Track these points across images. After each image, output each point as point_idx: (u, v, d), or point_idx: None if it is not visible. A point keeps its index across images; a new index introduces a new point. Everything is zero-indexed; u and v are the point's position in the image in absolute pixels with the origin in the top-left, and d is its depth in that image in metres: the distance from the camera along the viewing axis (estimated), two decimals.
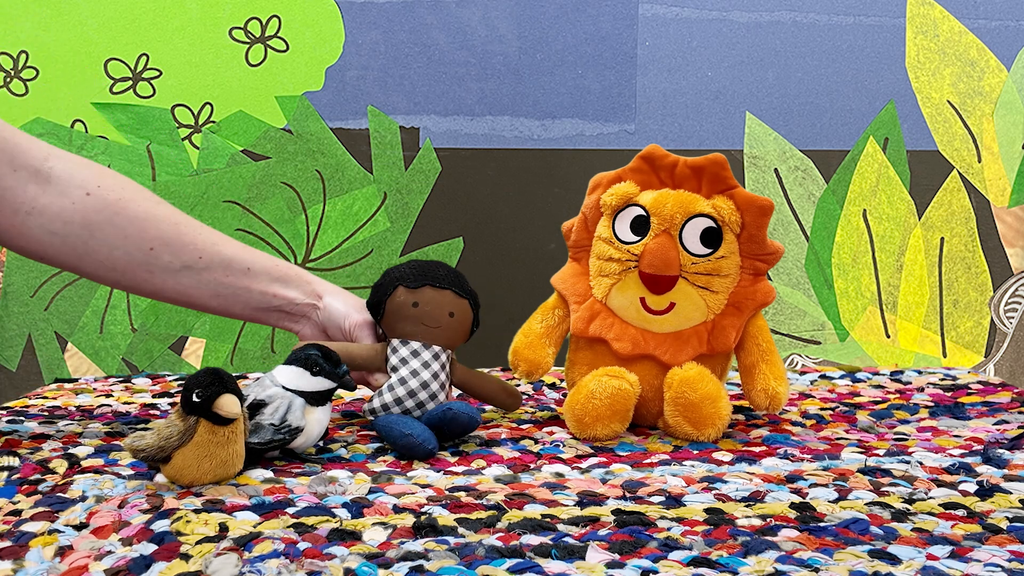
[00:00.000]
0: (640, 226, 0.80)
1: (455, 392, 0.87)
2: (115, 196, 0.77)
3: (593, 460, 0.74)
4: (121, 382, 1.01)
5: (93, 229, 0.77)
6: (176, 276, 0.80)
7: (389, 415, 0.77)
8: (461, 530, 0.59)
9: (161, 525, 0.59)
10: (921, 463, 0.72)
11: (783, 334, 1.36)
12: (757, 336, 0.81)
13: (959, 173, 1.35)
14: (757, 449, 0.77)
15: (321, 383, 0.72)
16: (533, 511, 0.62)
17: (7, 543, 0.57)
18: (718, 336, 0.80)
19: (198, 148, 1.30)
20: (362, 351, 0.80)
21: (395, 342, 0.79)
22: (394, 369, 0.79)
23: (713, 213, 0.79)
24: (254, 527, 0.60)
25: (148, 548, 0.56)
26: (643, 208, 0.80)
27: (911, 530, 0.59)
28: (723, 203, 0.79)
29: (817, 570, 0.53)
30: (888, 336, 1.37)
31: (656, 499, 0.65)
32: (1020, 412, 0.88)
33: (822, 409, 0.90)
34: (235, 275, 0.82)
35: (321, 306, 0.85)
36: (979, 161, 1.35)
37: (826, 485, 0.67)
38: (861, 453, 0.75)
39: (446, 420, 0.75)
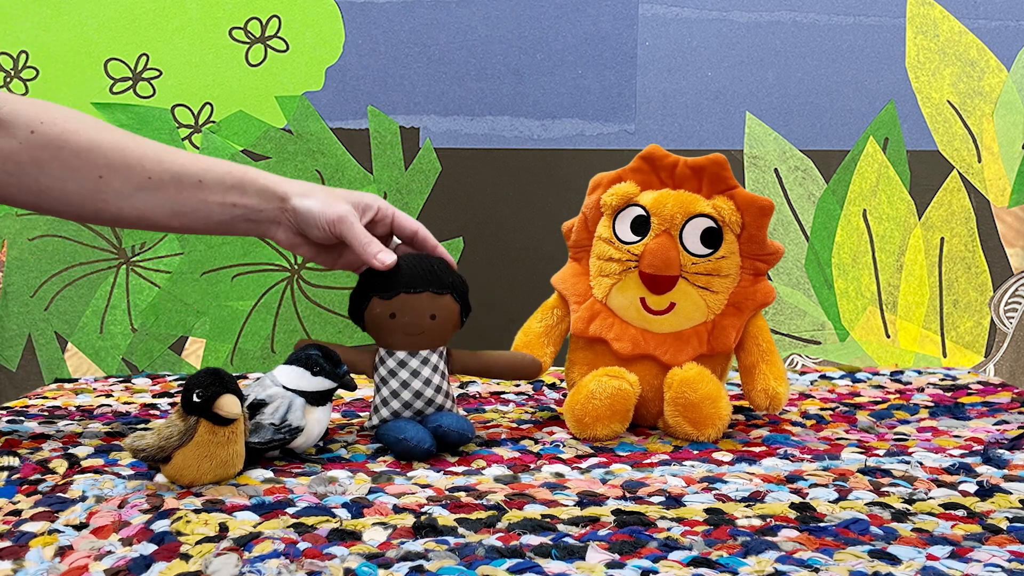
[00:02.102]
0: (640, 226, 0.80)
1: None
2: (58, 130, 0.76)
3: (593, 460, 0.74)
4: (121, 382, 1.01)
5: (42, 166, 0.76)
6: (131, 200, 0.78)
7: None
8: (461, 530, 0.59)
9: (161, 525, 0.59)
10: (921, 463, 0.72)
11: (783, 334, 1.36)
12: (757, 336, 0.81)
13: (959, 173, 1.35)
14: (757, 449, 0.77)
15: (321, 383, 0.72)
16: (533, 511, 0.62)
17: (7, 543, 0.57)
18: (718, 336, 0.80)
19: (198, 148, 1.30)
20: (352, 355, 0.78)
21: (382, 352, 0.77)
22: (384, 381, 0.77)
23: (713, 213, 0.79)
24: (254, 527, 0.60)
25: (148, 548, 0.56)
26: (643, 208, 0.80)
27: (911, 530, 0.59)
28: (723, 203, 0.79)
29: (817, 570, 0.53)
30: (888, 336, 1.37)
31: (656, 499, 0.65)
32: (1020, 412, 0.88)
33: (822, 409, 0.90)
34: (188, 189, 0.79)
35: (290, 207, 0.79)
36: (979, 161, 1.35)
37: (826, 485, 0.67)
38: (861, 453, 0.75)
39: (437, 436, 0.74)
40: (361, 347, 0.80)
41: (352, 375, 0.75)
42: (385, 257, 0.76)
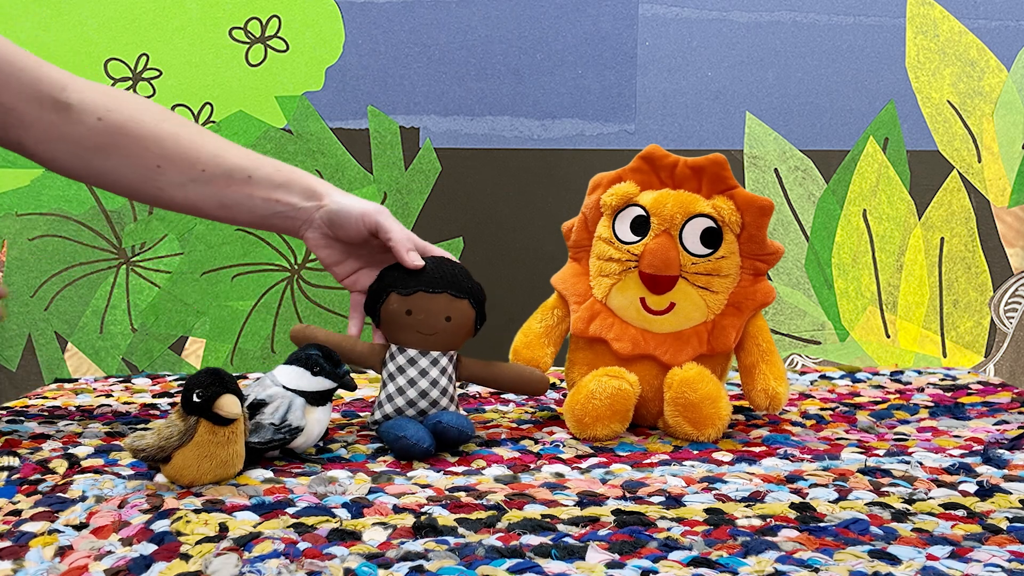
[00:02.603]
0: (640, 226, 0.80)
1: (475, 387, 0.87)
2: (123, 119, 0.81)
3: (593, 460, 0.74)
4: (121, 382, 1.01)
5: (106, 152, 0.81)
6: (183, 190, 0.83)
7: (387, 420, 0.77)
8: (461, 530, 0.59)
9: (161, 525, 0.59)
10: (921, 463, 0.72)
11: (783, 334, 1.36)
12: (757, 336, 0.81)
13: (959, 173, 1.35)
14: (757, 449, 0.77)
15: (322, 383, 0.72)
16: (533, 511, 0.62)
17: (7, 543, 0.57)
18: (718, 336, 0.80)
19: None
20: (363, 349, 0.79)
21: (393, 348, 0.78)
22: (391, 377, 0.77)
23: (713, 213, 0.79)
24: (254, 527, 0.60)
25: (148, 548, 0.56)
26: (643, 208, 0.80)
27: (911, 530, 0.59)
28: (723, 203, 0.79)
29: (817, 570, 0.53)
30: (888, 336, 1.37)
31: (656, 499, 0.65)
32: (1020, 412, 0.88)
33: (822, 409, 0.90)
34: (237, 184, 0.83)
35: (324, 206, 0.83)
36: (979, 161, 1.35)
37: (826, 485, 0.67)
38: (861, 453, 0.75)
39: (437, 432, 0.74)
40: (373, 343, 0.80)
41: (353, 375, 0.76)
42: (415, 258, 0.78)
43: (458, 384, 0.85)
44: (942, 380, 1.01)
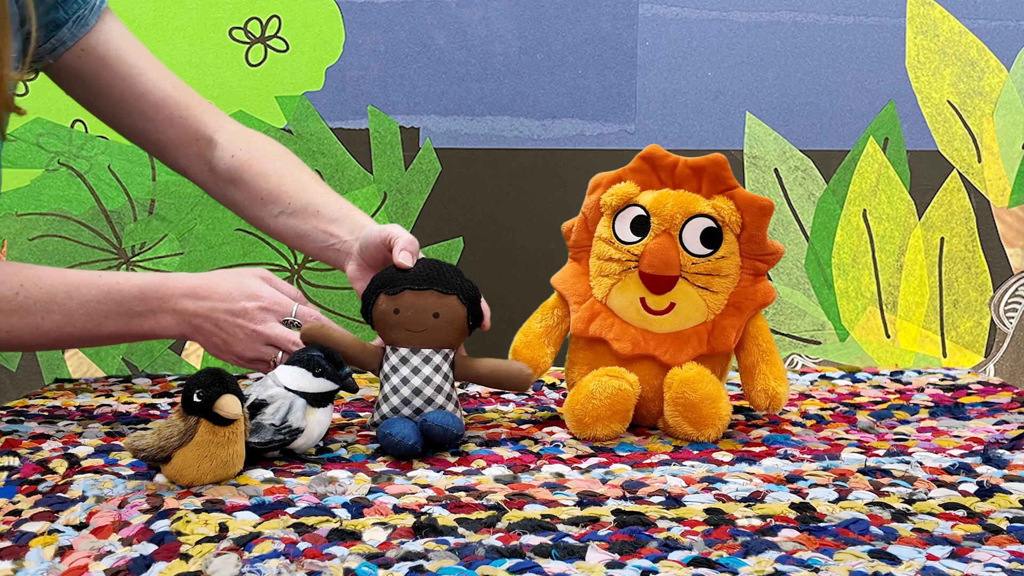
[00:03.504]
0: (640, 226, 0.80)
1: (474, 387, 0.87)
2: (246, 157, 0.96)
3: (593, 460, 0.74)
4: (121, 382, 1.01)
5: (236, 184, 0.97)
6: (276, 220, 0.96)
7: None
8: (461, 530, 0.59)
9: (161, 525, 0.59)
10: (921, 463, 0.72)
11: (783, 334, 1.36)
12: (757, 336, 0.81)
13: (959, 173, 1.35)
14: (757, 449, 0.77)
15: (323, 384, 0.72)
16: (533, 511, 0.62)
17: (7, 543, 0.57)
18: (718, 336, 0.80)
19: None
20: (361, 351, 0.79)
21: (387, 349, 0.78)
22: (386, 377, 0.78)
23: (713, 213, 0.79)
24: (254, 527, 0.60)
25: (148, 548, 0.56)
26: (643, 208, 0.80)
27: (911, 530, 0.59)
28: (723, 203, 0.79)
29: (817, 570, 0.53)
30: (888, 336, 1.37)
31: (656, 499, 0.65)
32: (1020, 412, 0.88)
33: (822, 409, 0.90)
34: (308, 217, 0.93)
35: (360, 235, 0.88)
36: (979, 161, 1.35)
37: (826, 485, 0.67)
38: (861, 453, 0.75)
39: (423, 431, 0.74)
40: (373, 346, 0.80)
41: (354, 376, 0.76)
42: (405, 257, 0.79)
43: (457, 384, 0.85)
44: (942, 380, 1.01)
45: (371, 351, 0.79)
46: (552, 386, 1.00)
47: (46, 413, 0.88)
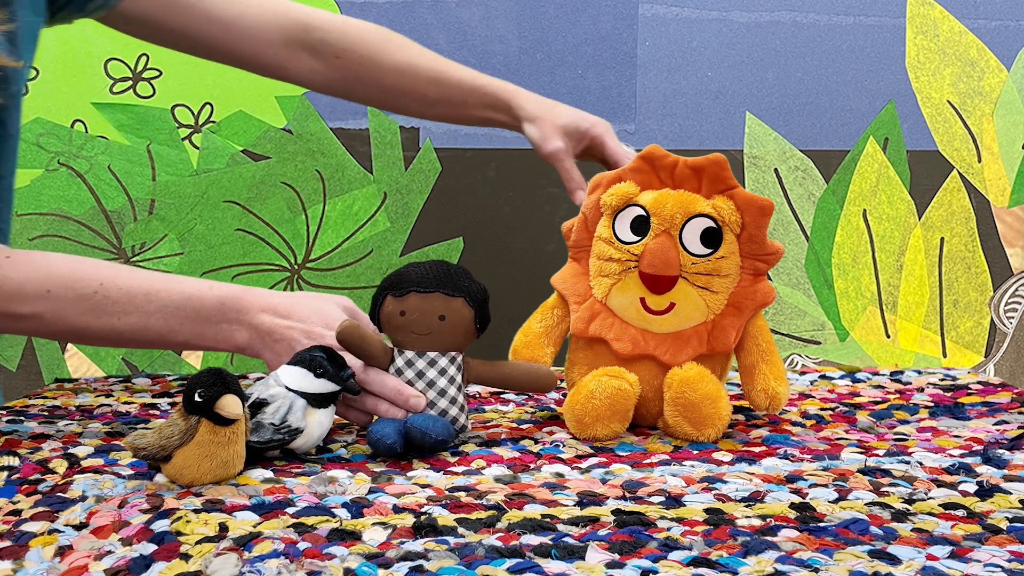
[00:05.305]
0: (640, 226, 0.80)
1: (474, 387, 0.86)
2: (356, 56, 1.00)
3: (593, 460, 0.74)
4: (121, 382, 1.01)
5: (351, 84, 1.01)
6: (420, 111, 1.05)
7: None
8: (461, 530, 0.59)
9: (161, 525, 0.59)
10: (921, 463, 0.72)
11: (783, 334, 1.36)
12: (757, 336, 0.81)
13: (959, 173, 1.35)
14: (757, 449, 0.77)
15: (324, 385, 0.72)
16: (533, 511, 0.62)
17: (7, 543, 0.57)
18: (718, 336, 0.80)
19: (198, 148, 1.30)
20: (378, 351, 0.78)
21: (395, 351, 0.78)
22: None
23: (713, 213, 0.79)
24: (254, 527, 0.60)
25: (148, 548, 0.56)
26: (643, 208, 0.80)
27: (911, 530, 0.59)
28: (723, 203, 0.79)
29: (817, 570, 0.53)
30: (888, 336, 1.37)
31: (656, 499, 0.65)
32: (1020, 412, 0.88)
33: (822, 409, 0.90)
34: (457, 107, 1.01)
35: (521, 127, 0.99)
36: (979, 161, 1.35)
37: (826, 485, 0.67)
38: (861, 453, 0.75)
39: (405, 432, 0.73)
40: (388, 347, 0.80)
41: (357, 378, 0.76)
42: (580, 196, 0.94)
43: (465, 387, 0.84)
44: (942, 380, 1.01)
45: (389, 355, 0.79)
46: None
47: (46, 413, 0.88)
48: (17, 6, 0.83)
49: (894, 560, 0.55)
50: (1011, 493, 0.66)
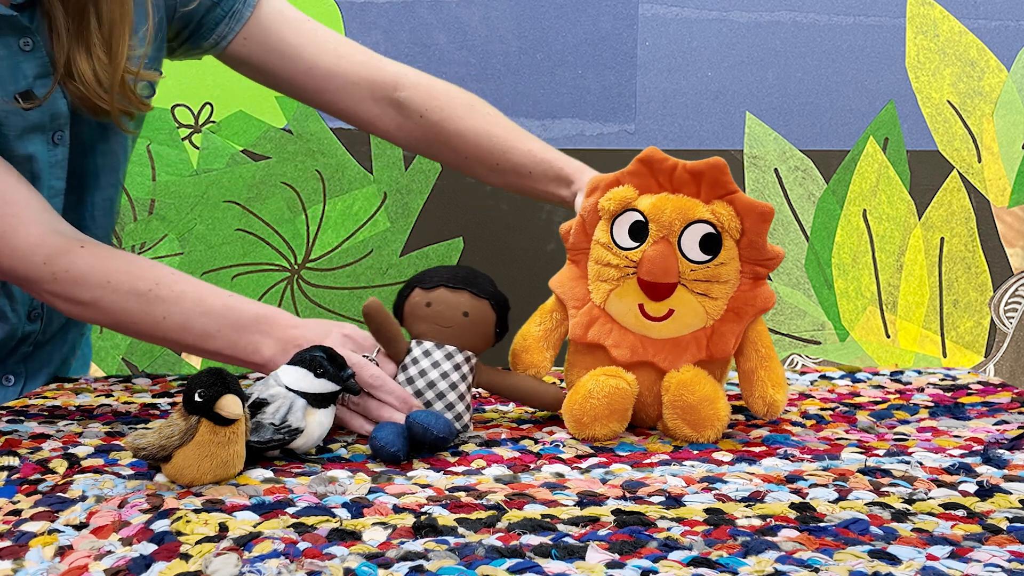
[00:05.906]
0: (638, 232, 0.79)
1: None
2: (437, 117, 1.02)
3: (593, 460, 0.74)
4: (121, 382, 1.01)
5: (430, 143, 1.04)
6: (487, 177, 1.04)
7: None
8: (461, 530, 0.59)
9: (161, 525, 0.59)
10: (921, 463, 0.72)
11: (783, 334, 1.36)
12: (757, 341, 0.81)
13: (959, 173, 1.35)
14: (757, 449, 0.77)
15: (324, 385, 0.72)
16: (533, 511, 0.62)
17: (7, 543, 0.57)
18: (717, 342, 0.80)
19: (198, 148, 1.30)
20: (394, 339, 0.80)
21: (412, 342, 0.80)
22: (404, 368, 0.79)
23: (712, 219, 0.78)
24: (254, 527, 0.60)
25: (148, 548, 0.56)
26: (641, 213, 0.79)
27: (911, 530, 0.59)
28: (722, 209, 0.78)
29: (817, 570, 0.53)
30: (888, 336, 1.37)
31: (656, 499, 0.65)
32: (1020, 412, 0.88)
33: (822, 409, 0.90)
34: (523, 179, 1.01)
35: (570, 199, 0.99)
36: (979, 161, 1.35)
37: (826, 485, 0.67)
38: (861, 453, 0.75)
39: (408, 427, 0.74)
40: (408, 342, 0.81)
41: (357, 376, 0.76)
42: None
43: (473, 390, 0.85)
44: (942, 380, 1.01)
45: (405, 345, 0.81)
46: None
47: (46, 413, 0.88)
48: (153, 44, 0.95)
49: (894, 560, 0.55)
50: (1011, 493, 0.66)
